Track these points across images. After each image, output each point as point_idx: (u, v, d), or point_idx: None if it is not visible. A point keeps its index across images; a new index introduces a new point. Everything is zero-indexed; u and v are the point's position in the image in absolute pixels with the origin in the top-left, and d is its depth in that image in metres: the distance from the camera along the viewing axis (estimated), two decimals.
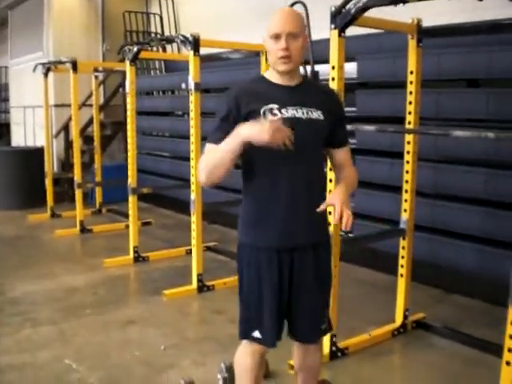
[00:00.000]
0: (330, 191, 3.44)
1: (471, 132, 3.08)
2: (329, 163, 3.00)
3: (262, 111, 2.33)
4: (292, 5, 5.55)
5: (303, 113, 2.39)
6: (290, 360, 3.28)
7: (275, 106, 2.33)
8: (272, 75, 2.46)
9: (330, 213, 2.70)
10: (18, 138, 12.26)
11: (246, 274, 2.50)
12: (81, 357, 3.84)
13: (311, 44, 5.41)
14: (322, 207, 2.34)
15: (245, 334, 2.54)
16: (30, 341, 4.11)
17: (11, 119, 13.10)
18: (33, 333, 4.26)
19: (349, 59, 5.64)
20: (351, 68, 5.70)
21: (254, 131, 2.18)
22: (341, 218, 2.27)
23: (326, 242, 2.62)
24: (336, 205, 2.29)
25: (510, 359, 2.85)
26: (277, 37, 2.34)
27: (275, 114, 2.33)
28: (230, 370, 3.22)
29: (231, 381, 3.13)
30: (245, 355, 2.58)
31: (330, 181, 3.53)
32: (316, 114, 2.42)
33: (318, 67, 5.82)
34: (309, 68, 5.93)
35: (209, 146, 2.38)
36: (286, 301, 2.50)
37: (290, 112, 2.36)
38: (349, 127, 3.74)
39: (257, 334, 2.49)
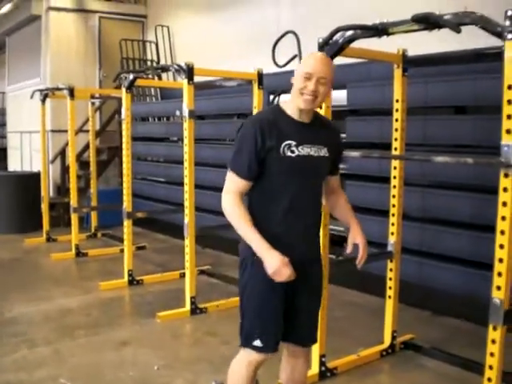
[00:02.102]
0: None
1: (451, 158, 3.22)
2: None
3: (281, 149, 2.55)
4: (283, 35, 5.75)
5: (315, 151, 2.64)
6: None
7: (293, 143, 2.57)
8: (289, 108, 2.65)
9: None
10: (15, 163, 12.37)
11: (252, 285, 2.66)
12: (75, 376, 3.92)
13: None
14: (349, 248, 2.81)
15: (246, 342, 2.70)
16: (27, 360, 4.20)
17: (8, 144, 13.22)
18: (29, 353, 4.35)
19: (339, 87, 5.81)
20: (342, 95, 5.86)
21: (271, 267, 2.49)
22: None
23: (319, 259, 2.90)
24: (360, 245, 2.80)
25: (491, 376, 2.97)
26: (309, 77, 2.53)
27: (293, 151, 2.57)
28: None
29: None
30: (241, 364, 2.73)
31: None
32: (323, 152, 2.69)
33: None
34: None
35: (233, 177, 2.60)
36: (289, 308, 2.70)
37: (305, 150, 2.61)
38: None
39: (257, 342, 2.64)
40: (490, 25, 2.70)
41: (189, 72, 5.09)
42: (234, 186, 2.59)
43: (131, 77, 6.09)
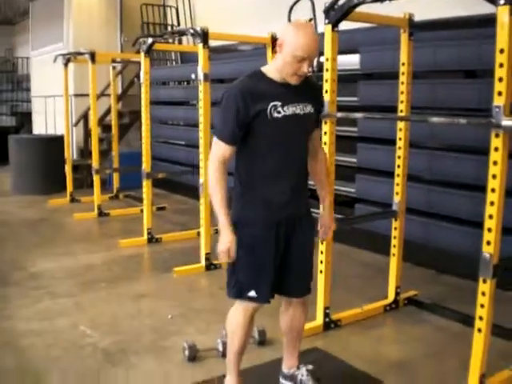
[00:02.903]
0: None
1: (445, 118, 3.36)
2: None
3: (268, 111, 2.65)
4: None
5: (301, 109, 2.75)
6: None
7: (279, 104, 2.66)
8: (271, 72, 2.74)
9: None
10: (40, 127, 12.61)
11: (245, 241, 2.79)
12: (95, 324, 4.19)
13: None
14: (321, 233, 3.13)
15: (240, 294, 2.86)
16: (49, 310, 4.47)
17: (33, 108, 13.46)
18: (51, 304, 4.62)
19: (353, 51, 5.91)
20: (355, 59, 5.96)
21: (223, 243, 2.71)
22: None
23: (308, 215, 2.98)
24: (327, 229, 3.10)
25: (481, 326, 3.13)
26: (303, 60, 2.61)
27: (279, 112, 2.67)
28: None
29: None
30: (238, 313, 2.94)
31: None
32: (309, 108, 2.79)
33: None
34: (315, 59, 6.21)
35: (218, 143, 2.72)
36: (280, 262, 2.84)
37: (290, 109, 2.70)
38: (339, 115, 4.03)
39: (252, 293, 2.82)
40: None
41: (204, 36, 5.24)
42: (219, 151, 2.71)
43: (149, 41, 6.24)
